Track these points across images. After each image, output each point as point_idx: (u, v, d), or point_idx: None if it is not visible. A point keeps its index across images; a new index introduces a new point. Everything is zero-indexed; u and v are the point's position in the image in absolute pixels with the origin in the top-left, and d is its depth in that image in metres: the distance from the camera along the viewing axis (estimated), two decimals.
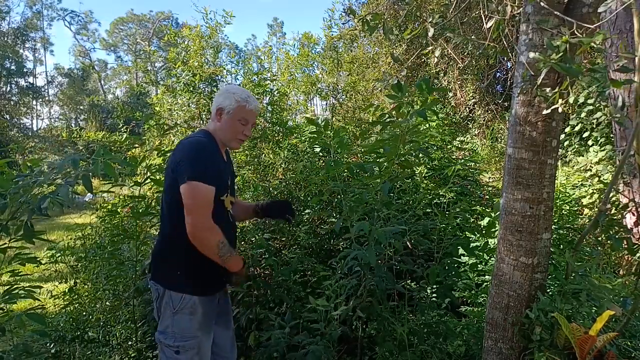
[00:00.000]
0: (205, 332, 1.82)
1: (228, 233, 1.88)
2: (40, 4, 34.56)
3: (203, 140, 1.83)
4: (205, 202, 1.71)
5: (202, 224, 1.70)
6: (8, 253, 1.83)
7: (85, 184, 1.64)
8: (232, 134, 1.89)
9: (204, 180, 1.70)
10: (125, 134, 4.53)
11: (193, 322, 1.77)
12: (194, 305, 1.77)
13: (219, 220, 1.79)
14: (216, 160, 1.83)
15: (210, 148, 1.83)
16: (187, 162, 1.72)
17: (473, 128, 9.58)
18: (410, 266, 2.56)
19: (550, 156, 1.83)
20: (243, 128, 1.90)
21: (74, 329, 2.99)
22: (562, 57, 1.56)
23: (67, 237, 4.19)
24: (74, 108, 34.84)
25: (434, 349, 2.37)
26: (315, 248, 3.52)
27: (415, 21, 2.81)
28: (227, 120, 1.88)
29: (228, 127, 1.88)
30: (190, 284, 1.78)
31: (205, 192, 1.71)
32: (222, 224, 1.81)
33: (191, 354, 1.76)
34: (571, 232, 3.54)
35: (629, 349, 1.70)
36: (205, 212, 1.71)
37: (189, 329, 1.76)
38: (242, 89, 1.98)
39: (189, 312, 1.77)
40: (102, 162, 1.66)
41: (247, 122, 1.90)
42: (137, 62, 37.19)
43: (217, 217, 1.78)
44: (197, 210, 1.69)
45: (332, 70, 8.38)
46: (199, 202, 1.70)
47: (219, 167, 1.84)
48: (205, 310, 1.82)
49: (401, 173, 2.53)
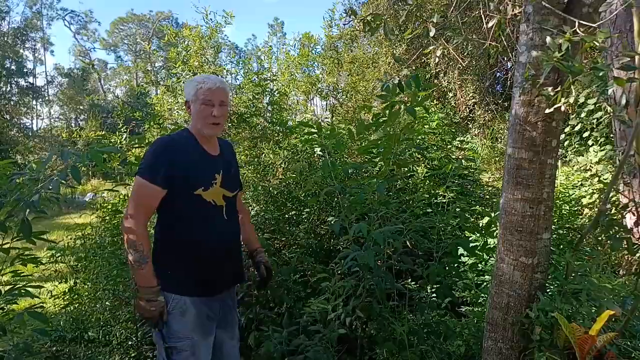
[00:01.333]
0: (200, 335, 1.79)
1: (218, 229, 1.85)
2: (40, 3, 34.55)
3: (170, 137, 1.85)
4: (137, 198, 1.72)
5: (127, 218, 1.71)
6: (11, 253, 1.83)
7: (74, 176, 1.63)
8: (202, 119, 1.82)
9: (146, 176, 1.71)
10: (125, 134, 4.53)
11: (185, 323, 1.75)
12: (185, 305, 1.76)
13: (197, 217, 1.78)
14: (186, 155, 1.79)
15: (178, 144, 1.80)
16: (143, 158, 1.79)
17: (473, 128, 9.58)
18: (409, 265, 2.56)
19: (550, 156, 1.83)
20: (210, 109, 1.81)
21: (74, 329, 2.99)
22: (564, 56, 1.56)
23: (67, 237, 4.18)
24: (74, 108, 34.82)
25: (434, 349, 2.37)
26: (314, 248, 3.52)
27: (415, 21, 2.80)
28: (193, 108, 1.85)
29: (196, 113, 1.84)
30: (179, 284, 1.77)
31: (140, 188, 1.72)
32: (204, 220, 1.79)
33: (185, 355, 1.74)
34: (571, 232, 3.54)
35: (629, 349, 1.69)
36: (134, 208, 1.71)
37: (181, 330, 1.74)
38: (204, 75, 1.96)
39: (180, 312, 1.75)
40: (89, 150, 1.67)
41: (211, 101, 1.81)
42: (137, 63, 37.24)
43: (195, 213, 1.78)
44: (130, 204, 1.72)
45: (332, 70, 8.38)
46: (132, 196, 1.73)
47: (192, 161, 1.80)
48: (199, 312, 1.79)
49: (397, 172, 2.53)
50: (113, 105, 27.67)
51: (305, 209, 3.69)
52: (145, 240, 1.70)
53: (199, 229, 1.81)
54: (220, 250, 1.86)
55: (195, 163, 1.81)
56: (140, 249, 1.68)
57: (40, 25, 35.49)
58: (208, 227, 1.80)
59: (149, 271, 1.71)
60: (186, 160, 1.78)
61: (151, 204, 1.74)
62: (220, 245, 1.86)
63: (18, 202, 1.59)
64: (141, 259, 1.68)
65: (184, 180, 1.76)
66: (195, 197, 1.79)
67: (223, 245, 1.88)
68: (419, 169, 4.03)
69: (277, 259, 3.14)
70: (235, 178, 2.02)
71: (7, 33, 30.39)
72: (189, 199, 1.77)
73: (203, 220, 1.80)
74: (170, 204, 1.77)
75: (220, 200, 1.87)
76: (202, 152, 1.86)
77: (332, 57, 8.62)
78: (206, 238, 1.82)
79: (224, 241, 1.89)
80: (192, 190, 1.78)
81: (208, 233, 1.82)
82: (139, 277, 1.71)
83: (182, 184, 1.76)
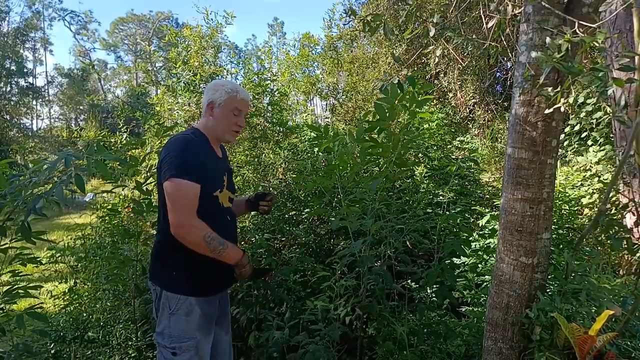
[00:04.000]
0: (204, 334, 1.80)
1: (227, 231, 1.86)
2: (40, 4, 34.54)
3: (189, 137, 1.81)
4: (186, 200, 1.67)
5: (184, 221, 1.66)
6: (9, 253, 1.83)
7: (78, 184, 1.62)
8: (226, 126, 1.86)
9: (186, 177, 1.67)
10: (126, 134, 4.53)
11: (190, 323, 1.75)
12: (191, 306, 1.76)
13: (213, 218, 1.77)
14: (205, 156, 1.80)
15: (198, 144, 1.80)
16: (169, 159, 1.70)
17: (473, 128, 9.58)
18: (409, 266, 2.56)
19: (550, 156, 1.83)
20: (236, 119, 1.88)
21: (74, 329, 2.99)
22: (564, 56, 1.56)
23: (67, 237, 4.19)
24: (74, 108, 34.84)
25: (434, 349, 2.37)
26: (315, 248, 3.52)
27: (415, 21, 2.80)
28: (219, 112, 1.86)
29: (221, 119, 1.86)
30: (185, 284, 1.77)
31: (186, 189, 1.67)
32: (218, 222, 1.79)
33: (189, 355, 1.74)
34: (571, 232, 3.54)
35: (629, 349, 1.69)
36: (187, 210, 1.67)
37: (186, 330, 1.75)
38: (231, 81, 1.96)
39: (185, 313, 1.75)
40: (94, 161, 1.65)
41: (240, 112, 1.88)
42: (138, 63, 37.21)
43: (211, 214, 1.77)
44: (179, 208, 1.66)
45: (332, 70, 8.38)
46: (181, 200, 1.67)
47: (210, 162, 1.82)
48: (204, 312, 1.80)
49: (398, 172, 2.54)
50: (113, 106, 27.69)
51: (306, 209, 3.69)
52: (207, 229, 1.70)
53: (212, 229, 1.80)
54: None
55: (210, 165, 1.83)
56: (213, 236, 1.69)
57: (40, 25, 35.50)
58: (219, 227, 1.80)
59: (232, 247, 1.76)
60: (207, 161, 1.80)
61: (195, 203, 1.71)
62: None
63: (19, 205, 1.59)
64: (219, 244, 1.71)
65: (208, 180, 1.76)
66: (214, 199, 1.81)
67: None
68: (419, 169, 4.03)
69: (277, 259, 3.14)
70: (231, 181, 2.03)
71: (7, 33, 30.38)
72: (209, 199, 1.78)
73: (215, 221, 1.79)
74: None
75: (227, 202, 1.90)
76: (213, 154, 1.88)
77: (332, 57, 8.62)
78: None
79: (233, 241, 1.92)
80: (213, 191, 1.80)
81: (219, 233, 1.81)
82: (229, 257, 1.76)
83: (206, 184, 1.75)
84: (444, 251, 2.45)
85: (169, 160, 1.70)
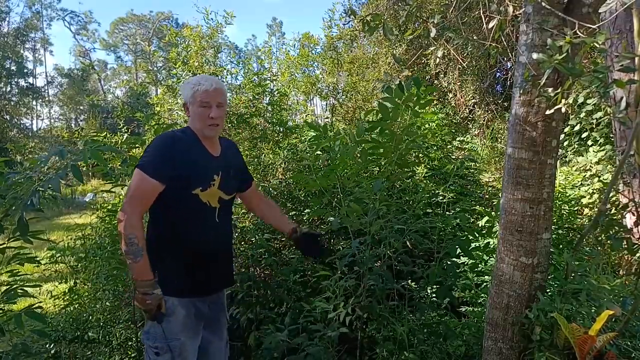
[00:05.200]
0: (189, 336, 1.79)
1: (209, 231, 1.84)
2: (40, 4, 34.53)
3: (173, 134, 1.84)
4: (138, 192, 1.71)
5: (125, 209, 1.68)
6: (7, 253, 1.83)
7: (75, 174, 1.62)
8: (200, 122, 1.84)
9: (149, 172, 1.69)
10: (126, 134, 4.53)
11: (173, 323, 1.74)
12: (172, 306, 1.75)
13: (193, 216, 1.77)
14: (192, 154, 1.80)
15: (185, 141, 1.80)
16: (145, 153, 1.77)
17: (473, 128, 9.57)
18: (409, 266, 2.56)
19: (550, 156, 1.83)
20: (208, 111, 1.81)
21: (74, 329, 2.98)
22: (565, 57, 1.56)
23: (67, 237, 4.19)
24: (74, 108, 34.80)
25: (434, 349, 2.37)
26: None
27: (415, 21, 2.79)
28: (192, 110, 1.85)
29: (195, 116, 1.84)
30: (167, 284, 1.75)
31: (143, 183, 1.70)
32: (200, 221, 1.79)
33: (171, 356, 1.74)
34: (571, 232, 3.53)
35: (629, 349, 1.69)
36: (134, 202, 1.69)
37: (169, 331, 1.74)
38: (200, 75, 1.93)
39: (168, 313, 1.74)
40: (89, 150, 1.66)
41: (209, 103, 1.81)
42: (138, 63, 37.23)
43: (192, 212, 1.77)
44: (128, 196, 1.71)
45: (332, 70, 8.37)
46: (133, 190, 1.71)
47: (200, 160, 1.81)
48: (188, 313, 1.78)
49: (399, 172, 2.54)
50: (113, 106, 27.67)
51: (306, 209, 3.69)
52: (140, 232, 1.68)
53: (191, 228, 1.80)
54: (209, 251, 1.85)
55: (196, 162, 1.81)
56: (135, 241, 1.66)
57: (40, 25, 35.48)
58: (200, 227, 1.80)
59: (145, 264, 1.68)
60: (187, 158, 1.78)
61: (148, 198, 1.73)
62: (209, 247, 1.86)
63: (15, 201, 1.58)
64: (136, 251, 1.66)
65: (184, 178, 1.76)
66: (192, 197, 1.78)
67: (212, 246, 1.87)
68: (419, 169, 4.03)
69: (277, 259, 3.14)
70: (236, 179, 1.99)
71: (7, 33, 30.37)
72: (186, 197, 1.77)
73: (195, 220, 1.79)
74: (165, 202, 1.76)
75: (215, 202, 1.86)
76: (203, 152, 1.86)
77: (332, 57, 8.62)
78: (197, 238, 1.81)
79: (214, 242, 1.88)
80: (190, 189, 1.78)
81: (199, 234, 1.82)
82: (134, 270, 1.69)
83: (181, 182, 1.75)
84: (448, 250, 2.45)
85: (145, 153, 1.77)
